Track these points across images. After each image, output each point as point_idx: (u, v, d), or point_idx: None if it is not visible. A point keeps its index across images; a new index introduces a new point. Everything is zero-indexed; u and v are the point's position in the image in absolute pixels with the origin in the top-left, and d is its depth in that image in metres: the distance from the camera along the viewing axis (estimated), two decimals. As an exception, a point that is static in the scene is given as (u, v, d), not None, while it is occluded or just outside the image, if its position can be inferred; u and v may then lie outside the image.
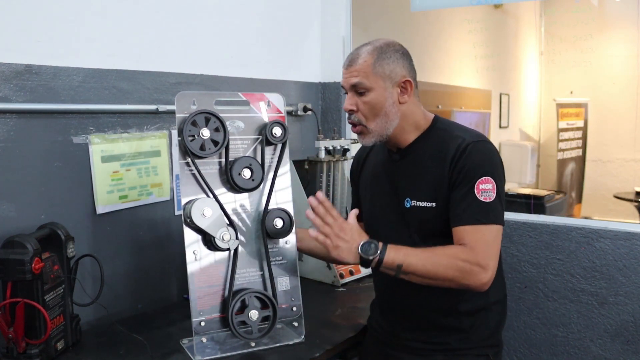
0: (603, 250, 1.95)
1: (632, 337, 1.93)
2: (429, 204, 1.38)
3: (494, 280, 1.32)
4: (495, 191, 1.31)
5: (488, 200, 1.31)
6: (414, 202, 1.40)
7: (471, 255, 1.27)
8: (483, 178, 1.31)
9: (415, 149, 1.43)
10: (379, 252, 1.27)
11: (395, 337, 1.50)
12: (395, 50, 1.39)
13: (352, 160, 2.25)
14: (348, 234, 1.30)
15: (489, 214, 1.30)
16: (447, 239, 1.35)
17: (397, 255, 1.28)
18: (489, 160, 1.34)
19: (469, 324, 1.43)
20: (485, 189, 1.31)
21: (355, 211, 1.36)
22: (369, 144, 1.44)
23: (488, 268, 1.28)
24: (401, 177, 1.45)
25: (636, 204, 2.23)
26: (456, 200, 1.33)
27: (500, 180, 1.34)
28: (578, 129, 2.81)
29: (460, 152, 1.33)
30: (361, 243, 1.29)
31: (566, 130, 2.80)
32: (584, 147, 2.79)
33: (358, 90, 1.38)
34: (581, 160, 2.77)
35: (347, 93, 1.43)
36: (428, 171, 1.39)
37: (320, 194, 1.35)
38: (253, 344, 1.44)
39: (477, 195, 1.30)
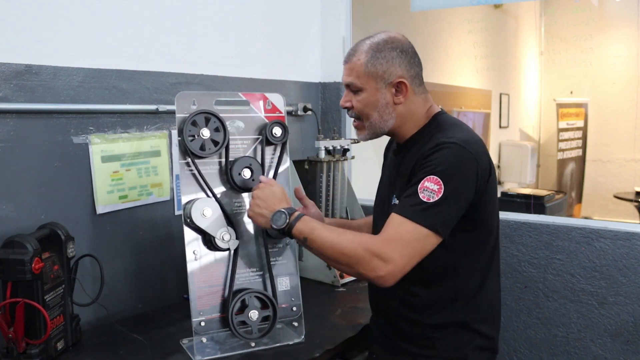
0: (603, 250, 1.95)
1: (632, 337, 1.93)
2: None
3: (475, 311, 1.33)
4: (440, 194, 1.21)
5: (426, 200, 1.21)
6: (395, 200, 1.37)
7: (377, 246, 1.21)
8: (431, 176, 1.22)
9: (409, 147, 1.39)
10: (286, 222, 1.30)
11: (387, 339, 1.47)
12: (393, 49, 1.33)
13: (352, 159, 2.26)
14: (268, 200, 1.35)
15: (420, 213, 1.21)
16: None
17: (304, 227, 1.29)
18: (449, 163, 1.23)
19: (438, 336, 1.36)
20: (428, 188, 1.22)
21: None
22: (364, 140, 1.43)
23: (389, 262, 1.19)
24: (395, 173, 1.43)
25: (636, 204, 2.23)
26: (405, 193, 1.28)
27: (456, 189, 1.23)
28: (578, 129, 2.81)
29: (428, 151, 1.27)
30: (275, 212, 1.32)
31: (566, 130, 2.80)
32: (584, 147, 2.79)
33: (351, 89, 1.37)
34: (581, 160, 2.78)
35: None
36: (407, 171, 1.34)
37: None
38: (253, 344, 1.44)
39: (419, 191, 1.22)
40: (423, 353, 1.37)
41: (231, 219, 1.45)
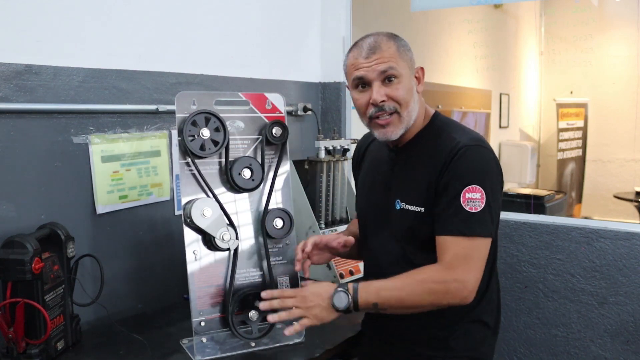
0: (603, 250, 1.95)
1: (632, 337, 1.93)
2: (418, 209, 1.31)
3: (486, 305, 1.34)
4: (484, 201, 1.22)
5: (474, 211, 1.22)
6: (404, 205, 1.34)
7: (446, 274, 1.22)
8: (471, 186, 1.22)
9: (411, 148, 1.37)
10: (350, 299, 1.25)
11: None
12: (403, 39, 1.34)
13: (351, 160, 2.26)
14: (312, 298, 1.29)
15: (473, 225, 1.22)
16: (431, 244, 1.29)
17: (369, 295, 1.25)
18: (480, 167, 1.25)
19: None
20: (472, 198, 1.22)
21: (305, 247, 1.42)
22: (396, 136, 1.33)
23: (466, 282, 1.22)
24: (395, 176, 1.39)
25: (636, 204, 2.23)
26: (441, 207, 1.26)
27: (492, 189, 1.25)
28: (578, 129, 2.81)
29: (452, 156, 1.25)
30: (332, 296, 1.26)
31: (566, 130, 2.80)
32: (584, 147, 2.79)
33: (387, 77, 1.28)
34: (581, 160, 2.78)
35: (363, 86, 1.32)
36: (420, 174, 1.31)
37: (265, 293, 1.36)
38: (253, 344, 1.44)
39: (463, 205, 1.22)
40: (437, 355, 1.37)
41: (231, 219, 1.45)
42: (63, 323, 1.46)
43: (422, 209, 1.30)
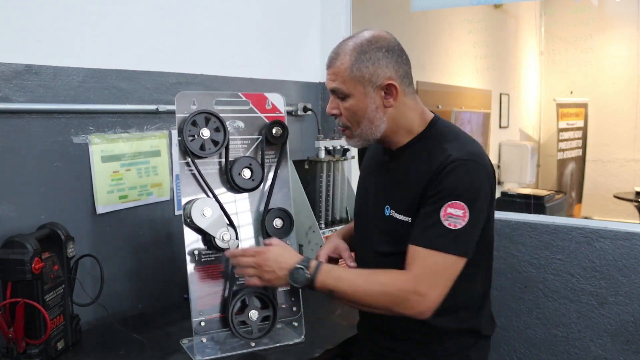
0: (603, 250, 1.95)
1: (632, 337, 1.93)
2: (405, 218, 1.26)
3: (481, 313, 1.32)
4: (465, 219, 1.17)
5: (452, 227, 1.17)
6: (392, 213, 1.29)
7: (409, 283, 1.17)
8: (453, 202, 1.17)
9: (404, 155, 1.31)
10: (308, 277, 1.22)
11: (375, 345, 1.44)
12: (378, 49, 1.23)
13: (352, 159, 2.26)
14: (271, 264, 1.26)
15: (448, 241, 1.17)
16: None
17: (327, 279, 1.22)
18: (468, 184, 1.19)
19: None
20: (452, 214, 1.17)
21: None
22: (357, 147, 1.35)
23: (428, 297, 1.17)
24: (386, 181, 1.34)
25: (636, 204, 2.23)
26: (420, 217, 1.21)
27: (478, 208, 1.19)
28: (578, 129, 2.81)
29: (441, 169, 1.19)
30: (292, 269, 1.24)
31: (566, 130, 2.80)
32: (584, 147, 2.79)
33: (338, 95, 1.27)
34: (581, 160, 2.78)
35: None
36: (411, 183, 1.26)
37: (228, 252, 1.36)
38: (253, 344, 1.44)
39: (442, 219, 1.17)
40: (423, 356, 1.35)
41: (231, 219, 1.45)
42: (63, 323, 1.46)
43: (409, 219, 1.26)
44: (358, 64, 1.22)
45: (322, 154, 2.13)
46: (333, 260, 1.46)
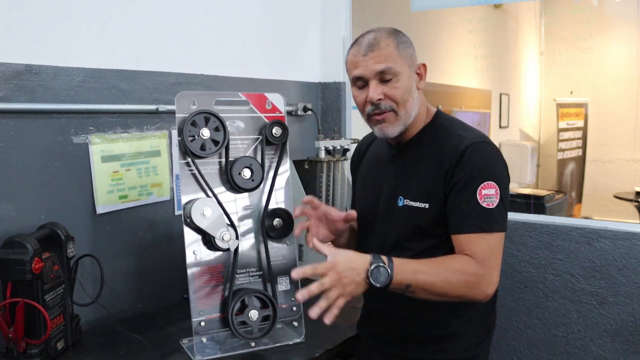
0: (603, 250, 1.95)
1: (632, 337, 1.93)
2: (422, 205, 1.29)
3: (484, 307, 1.33)
4: (498, 196, 1.23)
5: (491, 207, 1.22)
6: (407, 202, 1.32)
7: (479, 268, 1.20)
8: (485, 183, 1.23)
9: (414, 146, 1.35)
10: (388, 272, 1.14)
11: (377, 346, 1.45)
12: (405, 35, 1.32)
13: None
14: (347, 274, 1.14)
15: (492, 221, 1.23)
16: (434, 240, 1.29)
17: (405, 274, 1.16)
18: (492, 164, 1.26)
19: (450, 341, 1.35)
20: (488, 195, 1.23)
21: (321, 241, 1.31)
22: (393, 134, 1.31)
23: (492, 278, 1.23)
24: (397, 173, 1.37)
25: (636, 204, 2.23)
26: (457, 205, 1.25)
27: (503, 184, 1.26)
28: (578, 129, 2.81)
29: (461, 154, 1.25)
30: (370, 271, 1.14)
31: (566, 130, 2.80)
32: (584, 147, 2.79)
33: (385, 76, 1.26)
34: (581, 160, 2.77)
35: (362, 83, 1.30)
36: (425, 171, 1.30)
37: (295, 272, 1.18)
38: (253, 344, 1.44)
39: (480, 202, 1.22)
40: (432, 357, 1.36)
41: (231, 219, 1.45)
42: (63, 323, 1.46)
43: (426, 205, 1.29)
44: (402, 45, 1.29)
45: (322, 154, 2.13)
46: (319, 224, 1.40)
